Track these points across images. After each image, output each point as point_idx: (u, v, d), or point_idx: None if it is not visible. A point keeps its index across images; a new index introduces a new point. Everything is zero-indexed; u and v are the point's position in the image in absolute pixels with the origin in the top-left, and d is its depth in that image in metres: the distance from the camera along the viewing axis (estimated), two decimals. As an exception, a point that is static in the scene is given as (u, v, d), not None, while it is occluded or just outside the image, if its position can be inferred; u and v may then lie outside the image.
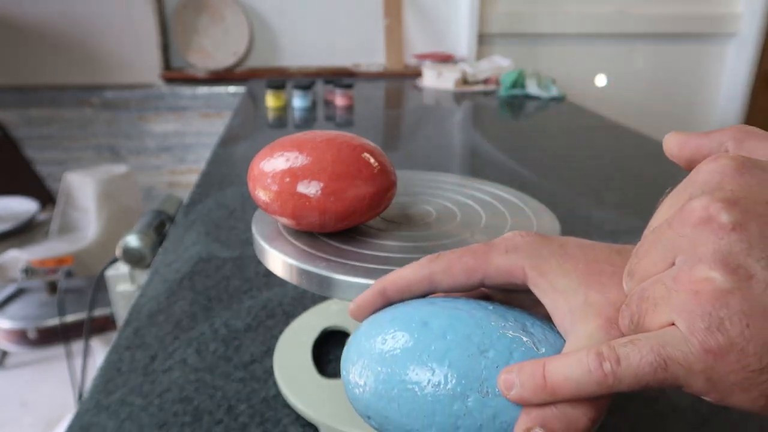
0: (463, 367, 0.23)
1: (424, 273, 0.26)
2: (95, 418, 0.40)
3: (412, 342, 0.24)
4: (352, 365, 0.26)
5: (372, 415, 0.25)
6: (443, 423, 0.23)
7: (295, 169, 0.34)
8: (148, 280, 0.59)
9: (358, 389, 0.25)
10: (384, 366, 0.24)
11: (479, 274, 0.26)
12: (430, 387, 0.23)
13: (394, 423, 0.24)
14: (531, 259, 0.25)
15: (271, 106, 1.46)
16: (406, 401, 0.23)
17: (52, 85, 2.15)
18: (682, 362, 0.19)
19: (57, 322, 1.54)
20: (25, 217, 1.72)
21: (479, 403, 0.23)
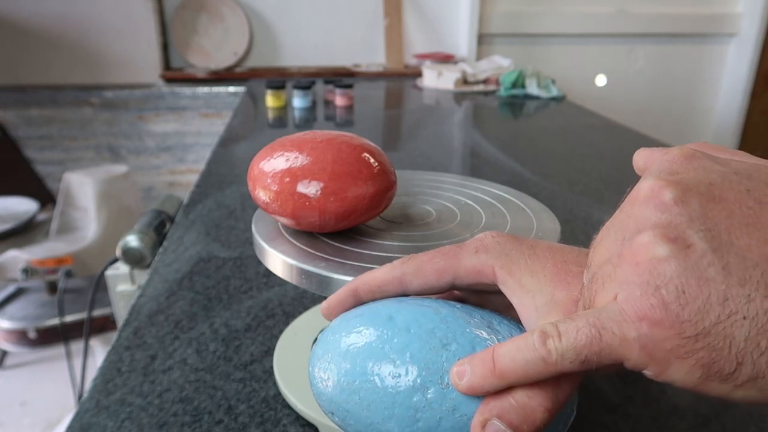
0: (424, 360, 0.23)
1: (395, 274, 0.27)
2: (95, 418, 0.39)
3: (376, 336, 0.24)
4: (318, 361, 0.26)
5: (335, 411, 0.25)
6: (403, 415, 0.23)
7: (295, 169, 0.34)
8: (148, 280, 0.59)
9: (321, 384, 0.25)
10: (347, 360, 0.24)
11: (449, 275, 0.26)
12: (390, 379, 0.23)
13: (355, 417, 0.24)
14: (500, 259, 0.26)
15: (271, 106, 1.46)
16: (367, 393, 0.23)
17: (52, 85, 2.15)
18: (616, 331, 0.19)
19: (57, 322, 1.54)
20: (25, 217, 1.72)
21: (439, 395, 0.23)
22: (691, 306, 0.18)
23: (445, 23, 2.24)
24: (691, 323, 0.18)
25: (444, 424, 0.23)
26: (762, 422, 0.40)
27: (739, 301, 0.17)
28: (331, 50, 2.22)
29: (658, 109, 2.46)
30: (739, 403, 0.18)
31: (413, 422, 0.23)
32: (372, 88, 1.87)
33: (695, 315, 0.18)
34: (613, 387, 0.43)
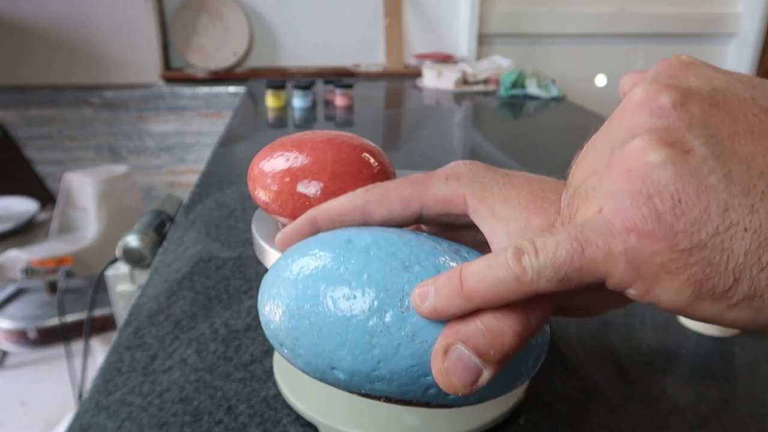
0: (383, 281, 0.21)
1: (357, 202, 0.25)
2: (95, 418, 0.40)
3: (331, 258, 0.22)
4: (267, 288, 0.24)
5: (283, 341, 0.23)
6: (357, 341, 0.21)
7: (295, 169, 0.34)
8: (148, 280, 0.59)
9: (270, 312, 0.23)
10: (298, 284, 0.22)
11: (417, 204, 0.24)
12: (344, 301, 0.21)
13: (305, 345, 0.22)
14: (472, 186, 0.24)
15: (271, 106, 1.46)
16: (318, 317, 0.21)
17: (52, 85, 2.15)
18: (600, 244, 0.17)
19: (57, 322, 1.54)
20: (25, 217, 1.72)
21: (398, 319, 0.20)
22: (687, 216, 0.16)
23: (445, 23, 2.24)
24: (686, 235, 0.16)
25: (402, 351, 0.20)
26: (762, 422, 0.40)
27: (741, 211, 0.16)
28: (331, 50, 2.22)
29: (658, 109, 2.46)
30: (727, 326, 0.17)
31: (368, 349, 0.21)
32: (372, 88, 1.87)
33: (691, 226, 0.16)
34: (613, 387, 0.43)
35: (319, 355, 0.21)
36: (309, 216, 0.26)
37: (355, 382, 0.21)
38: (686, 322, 0.52)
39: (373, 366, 0.21)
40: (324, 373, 0.22)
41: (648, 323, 0.52)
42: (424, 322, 0.20)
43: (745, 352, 0.48)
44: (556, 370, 0.45)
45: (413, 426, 0.37)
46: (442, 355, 0.19)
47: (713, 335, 0.50)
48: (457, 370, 0.19)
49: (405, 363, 0.20)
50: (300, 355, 0.22)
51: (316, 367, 0.22)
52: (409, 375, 0.21)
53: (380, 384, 0.21)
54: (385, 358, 0.21)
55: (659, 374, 0.45)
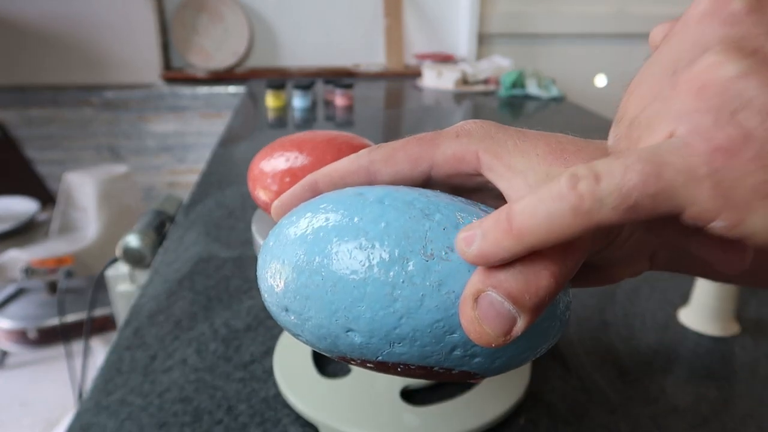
0: (403, 229, 0.19)
1: (361, 162, 0.23)
2: (95, 418, 0.40)
3: (343, 209, 0.20)
4: (270, 253, 0.21)
5: (290, 304, 0.20)
6: (377, 294, 0.18)
7: (295, 169, 0.34)
8: (148, 280, 0.59)
9: (273, 277, 0.21)
10: (307, 240, 0.20)
11: (425, 163, 0.22)
12: (360, 250, 0.19)
13: (317, 304, 0.19)
14: (484, 141, 0.22)
15: (271, 106, 1.46)
16: (332, 271, 0.19)
17: (52, 85, 2.15)
18: (680, 167, 0.14)
19: (57, 322, 1.54)
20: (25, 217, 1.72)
21: (421, 267, 0.18)
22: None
23: (445, 23, 2.24)
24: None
25: (427, 303, 0.18)
26: (762, 422, 0.40)
27: None
28: (331, 50, 2.22)
29: (658, 109, 2.46)
30: None
31: (389, 302, 0.18)
32: (372, 88, 1.87)
33: None
34: (613, 387, 0.43)
35: (333, 314, 0.19)
36: (309, 180, 0.24)
37: (374, 345, 0.19)
38: (686, 322, 0.52)
39: (395, 322, 0.18)
40: (337, 338, 0.20)
41: (648, 323, 0.52)
42: (451, 270, 0.18)
43: (745, 352, 0.48)
44: (556, 370, 0.45)
45: (413, 426, 0.37)
46: (471, 302, 0.17)
47: (713, 335, 0.50)
48: (489, 318, 0.17)
49: (430, 317, 0.18)
50: (309, 319, 0.20)
51: (328, 332, 0.20)
52: (433, 332, 0.19)
53: (401, 346, 0.19)
54: (408, 312, 0.18)
55: (659, 374, 0.45)
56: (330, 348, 0.20)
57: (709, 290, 0.50)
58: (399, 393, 0.40)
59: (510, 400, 0.40)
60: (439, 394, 0.42)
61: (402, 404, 0.39)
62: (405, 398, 0.40)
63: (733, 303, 0.50)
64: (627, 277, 0.23)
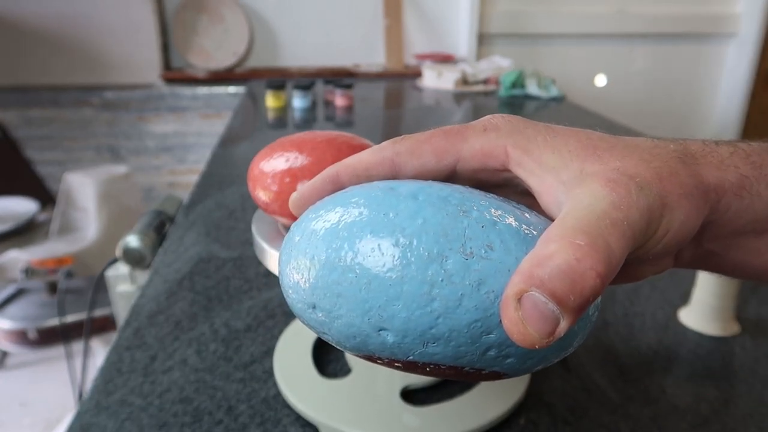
0: (441, 225, 0.18)
1: (386, 154, 0.22)
2: (95, 418, 0.40)
3: (376, 204, 0.19)
4: (296, 248, 0.20)
5: (318, 301, 0.19)
6: (414, 292, 0.18)
7: (295, 169, 0.34)
8: (148, 280, 0.59)
9: (300, 272, 0.20)
10: (337, 235, 0.19)
11: (452, 156, 0.22)
12: (397, 247, 0.18)
13: (348, 303, 0.19)
14: (513, 137, 0.21)
15: (271, 106, 1.46)
16: (366, 268, 0.18)
17: (52, 85, 2.15)
18: None
19: (57, 323, 1.54)
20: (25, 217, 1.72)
21: (461, 266, 0.18)
22: None
23: (445, 23, 2.24)
24: None
25: (466, 303, 0.18)
26: (762, 422, 0.40)
27: None
28: (331, 50, 2.22)
29: (658, 109, 2.46)
30: None
31: (427, 301, 0.18)
32: (372, 88, 1.87)
33: None
34: (613, 387, 0.43)
35: (366, 313, 0.18)
36: (330, 173, 0.23)
37: (406, 345, 0.18)
38: (686, 322, 0.52)
39: (431, 322, 0.18)
40: (368, 337, 0.19)
41: (648, 323, 0.52)
42: (491, 269, 0.18)
43: (745, 352, 0.48)
44: (556, 370, 0.45)
45: (413, 426, 0.37)
46: (515, 303, 0.16)
47: (713, 335, 0.50)
48: (534, 319, 0.16)
49: (468, 317, 0.18)
50: (339, 317, 0.19)
51: (358, 330, 0.19)
52: (470, 332, 0.18)
53: (435, 346, 0.18)
54: (446, 312, 0.18)
55: (659, 374, 0.45)
56: (358, 347, 0.20)
57: (709, 290, 0.50)
58: (399, 393, 0.40)
59: (510, 400, 0.40)
60: (439, 394, 0.42)
61: (402, 404, 0.39)
62: (405, 398, 0.40)
63: (733, 303, 0.50)
64: (651, 275, 0.23)
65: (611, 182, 0.18)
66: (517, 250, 0.18)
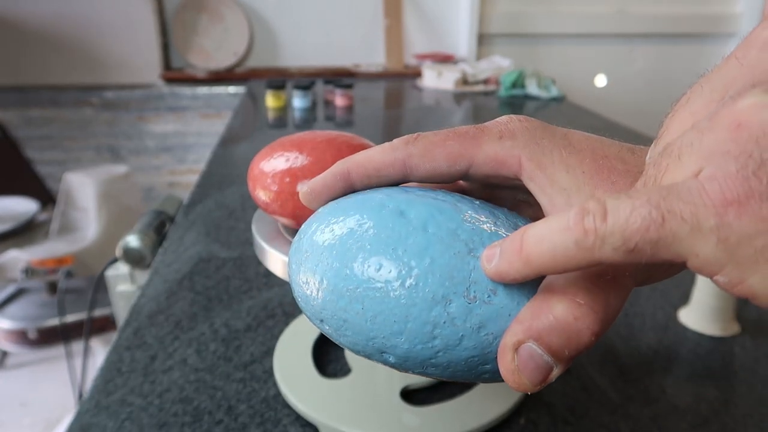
0: (448, 267, 0.19)
1: (398, 155, 0.22)
2: (95, 418, 0.39)
3: (385, 232, 0.20)
4: (303, 258, 0.21)
5: (326, 318, 0.21)
6: (417, 331, 0.19)
7: (295, 169, 0.34)
8: (148, 280, 0.59)
9: (309, 288, 0.21)
10: (346, 258, 0.20)
11: (465, 162, 0.22)
12: (405, 287, 0.19)
13: (354, 328, 0.20)
14: (529, 148, 0.21)
15: (271, 106, 1.46)
16: (373, 303, 0.19)
17: (52, 85, 2.15)
18: (686, 217, 0.14)
19: (57, 322, 1.54)
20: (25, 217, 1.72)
21: (463, 309, 0.19)
22: None
23: (445, 23, 2.24)
24: None
25: (465, 343, 0.19)
26: (762, 422, 0.40)
27: None
28: (331, 50, 2.22)
29: (658, 109, 2.45)
30: None
31: (428, 340, 0.19)
32: (372, 88, 1.87)
33: None
34: (613, 387, 0.43)
35: (371, 340, 0.20)
36: (341, 169, 0.22)
37: (407, 366, 0.20)
38: (686, 322, 0.52)
39: (431, 355, 0.19)
40: (371, 355, 0.20)
41: (648, 323, 0.52)
42: (491, 314, 0.19)
43: (745, 352, 0.48)
44: (556, 370, 0.45)
45: (413, 426, 0.37)
46: (512, 354, 0.17)
47: (713, 335, 0.50)
48: (528, 369, 0.17)
49: (466, 354, 0.19)
50: (345, 336, 0.20)
51: (363, 349, 0.20)
52: (467, 364, 0.19)
53: (433, 369, 0.20)
54: (446, 349, 0.19)
55: (659, 374, 0.45)
56: (365, 357, 0.21)
57: (709, 290, 0.50)
58: (399, 393, 0.40)
59: (510, 400, 0.40)
60: (439, 394, 0.42)
61: (402, 404, 0.39)
62: (405, 398, 0.40)
63: (733, 303, 0.50)
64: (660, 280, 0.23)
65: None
66: (519, 294, 0.19)
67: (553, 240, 0.16)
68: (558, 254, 0.16)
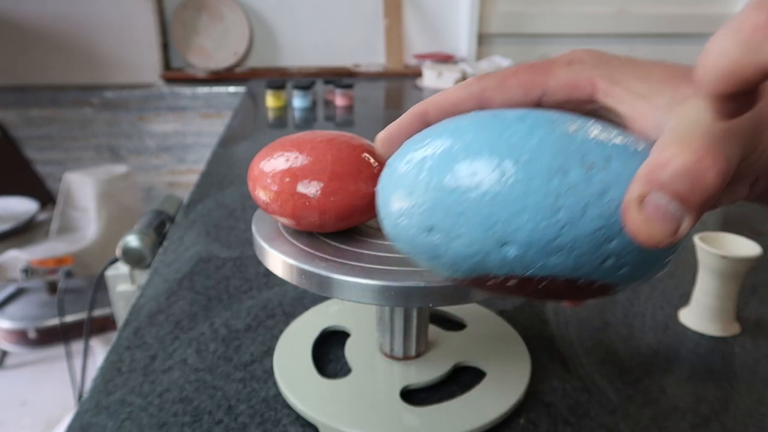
0: (556, 141, 0.19)
1: (473, 90, 0.23)
2: (95, 418, 0.40)
3: (487, 129, 0.20)
4: (401, 175, 0.21)
5: (437, 222, 0.20)
6: (539, 204, 0.18)
7: (295, 169, 0.34)
8: (148, 280, 0.59)
9: (413, 199, 0.20)
10: (453, 161, 0.20)
11: (538, 90, 0.22)
12: (519, 165, 0.19)
13: (470, 220, 0.19)
14: (599, 68, 0.22)
15: (271, 106, 1.46)
16: (490, 185, 0.19)
17: (52, 85, 2.15)
18: None
19: (57, 322, 1.54)
20: (25, 217, 1.72)
21: (583, 177, 0.18)
22: None
23: (445, 23, 2.24)
24: None
25: (590, 212, 0.18)
26: (762, 422, 0.40)
27: None
28: (331, 50, 2.22)
29: (658, 109, 2.46)
30: None
31: (552, 212, 0.18)
32: (372, 88, 1.87)
33: None
34: (613, 387, 0.43)
35: (489, 228, 0.19)
36: (418, 110, 0.23)
37: (528, 258, 0.19)
38: (686, 322, 0.52)
39: (556, 232, 0.18)
40: (488, 254, 0.19)
41: (648, 323, 0.52)
42: (612, 179, 0.18)
43: (745, 352, 0.48)
44: (556, 370, 0.45)
45: (413, 426, 0.37)
46: (637, 206, 0.17)
47: (713, 335, 0.50)
48: (657, 219, 0.17)
49: (592, 225, 0.18)
50: (459, 236, 0.20)
51: (479, 248, 0.19)
52: (593, 240, 0.19)
53: (557, 257, 0.19)
54: (571, 221, 0.18)
55: (659, 374, 0.45)
56: (473, 267, 0.20)
57: (709, 290, 0.50)
58: (399, 393, 0.40)
59: (510, 400, 0.40)
60: (439, 394, 0.42)
61: (402, 404, 0.39)
62: (405, 398, 0.40)
63: (733, 303, 0.50)
64: (724, 204, 0.23)
65: None
66: (632, 161, 0.19)
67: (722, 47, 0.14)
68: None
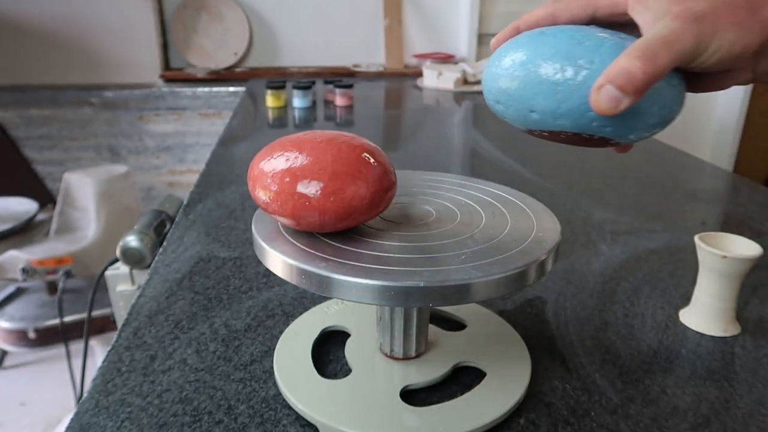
0: (565, 50, 0.31)
1: (548, 10, 0.35)
2: (95, 418, 0.39)
3: (534, 44, 0.32)
4: (487, 70, 0.35)
5: (499, 99, 0.34)
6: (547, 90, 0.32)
7: (295, 169, 0.34)
8: (148, 280, 0.59)
9: (496, 85, 0.34)
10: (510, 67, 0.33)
11: (591, 7, 0.34)
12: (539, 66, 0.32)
13: (514, 99, 0.33)
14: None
15: (271, 106, 1.46)
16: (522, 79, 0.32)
17: (52, 85, 2.15)
18: None
19: (57, 322, 1.54)
20: (24, 217, 1.72)
21: (574, 73, 0.31)
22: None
23: (445, 23, 2.24)
24: None
25: (576, 94, 0.30)
26: (762, 422, 0.40)
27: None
28: (331, 50, 2.22)
29: (658, 109, 2.45)
30: None
31: (554, 94, 0.31)
32: (372, 88, 1.87)
33: None
34: (613, 387, 0.43)
35: (523, 103, 0.33)
36: (513, 25, 0.36)
37: (545, 120, 0.32)
38: (687, 322, 0.52)
39: (557, 105, 0.31)
40: (526, 116, 0.33)
41: (648, 323, 0.52)
42: (591, 74, 0.30)
43: (745, 352, 0.48)
44: (556, 370, 0.45)
45: (413, 426, 0.37)
46: (596, 92, 0.29)
47: (714, 335, 0.50)
48: (606, 100, 0.28)
49: (577, 101, 0.30)
50: (510, 106, 0.34)
51: (521, 114, 0.33)
52: (579, 110, 0.31)
53: (561, 120, 0.32)
54: (565, 99, 0.31)
55: (659, 374, 0.45)
56: (523, 122, 0.34)
57: (709, 290, 0.50)
58: (399, 393, 0.40)
59: (510, 400, 0.40)
60: (439, 394, 0.42)
61: (402, 404, 0.39)
62: (405, 398, 0.40)
63: (734, 303, 0.50)
64: (733, 85, 0.33)
65: (678, 17, 0.28)
66: (609, 63, 0.29)
67: None
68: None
